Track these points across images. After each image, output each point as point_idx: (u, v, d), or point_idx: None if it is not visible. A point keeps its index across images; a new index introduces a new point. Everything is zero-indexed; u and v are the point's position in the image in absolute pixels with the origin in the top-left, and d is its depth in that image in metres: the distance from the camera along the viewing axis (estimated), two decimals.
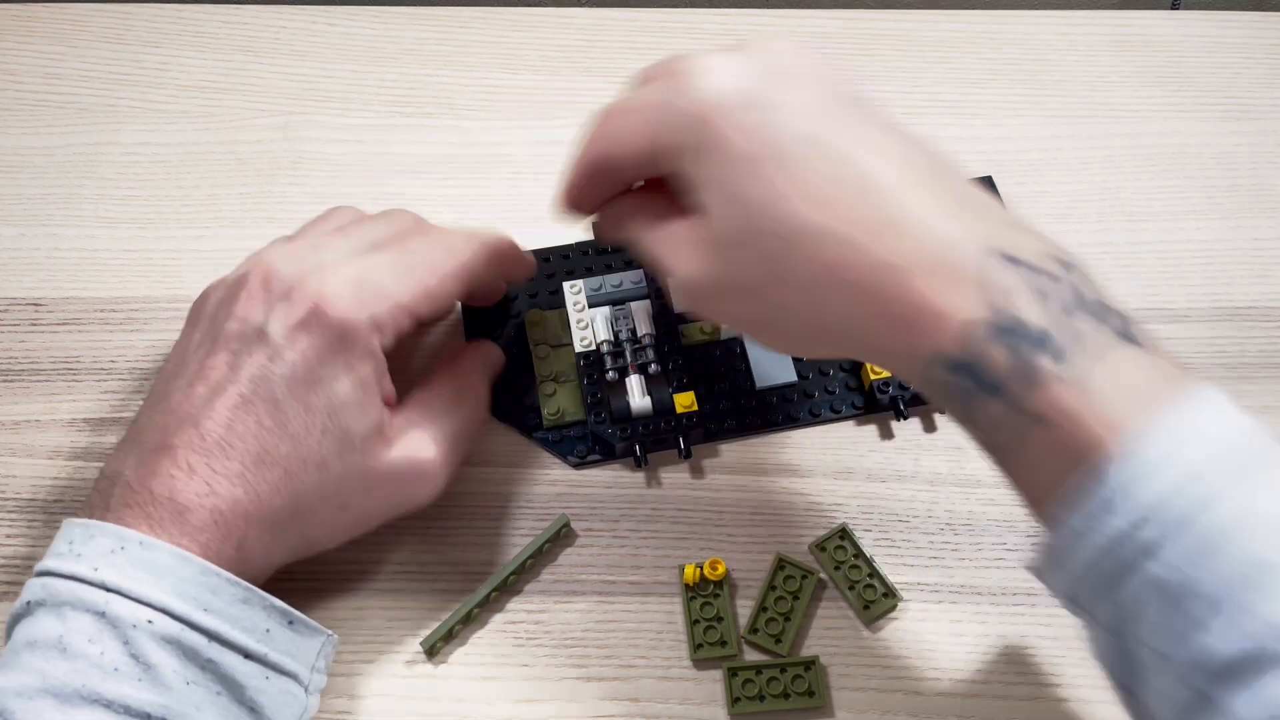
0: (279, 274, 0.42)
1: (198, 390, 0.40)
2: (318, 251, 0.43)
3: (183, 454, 0.39)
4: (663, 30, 0.65)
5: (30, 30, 0.64)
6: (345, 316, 0.41)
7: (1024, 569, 0.47)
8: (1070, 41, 0.64)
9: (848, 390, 0.52)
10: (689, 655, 0.45)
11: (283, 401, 0.40)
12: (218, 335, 0.42)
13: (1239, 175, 0.59)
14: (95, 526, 0.38)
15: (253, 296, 0.42)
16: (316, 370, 0.41)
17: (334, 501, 0.42)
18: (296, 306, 0.41)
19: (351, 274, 0.42)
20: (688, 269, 0.40)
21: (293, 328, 0.41)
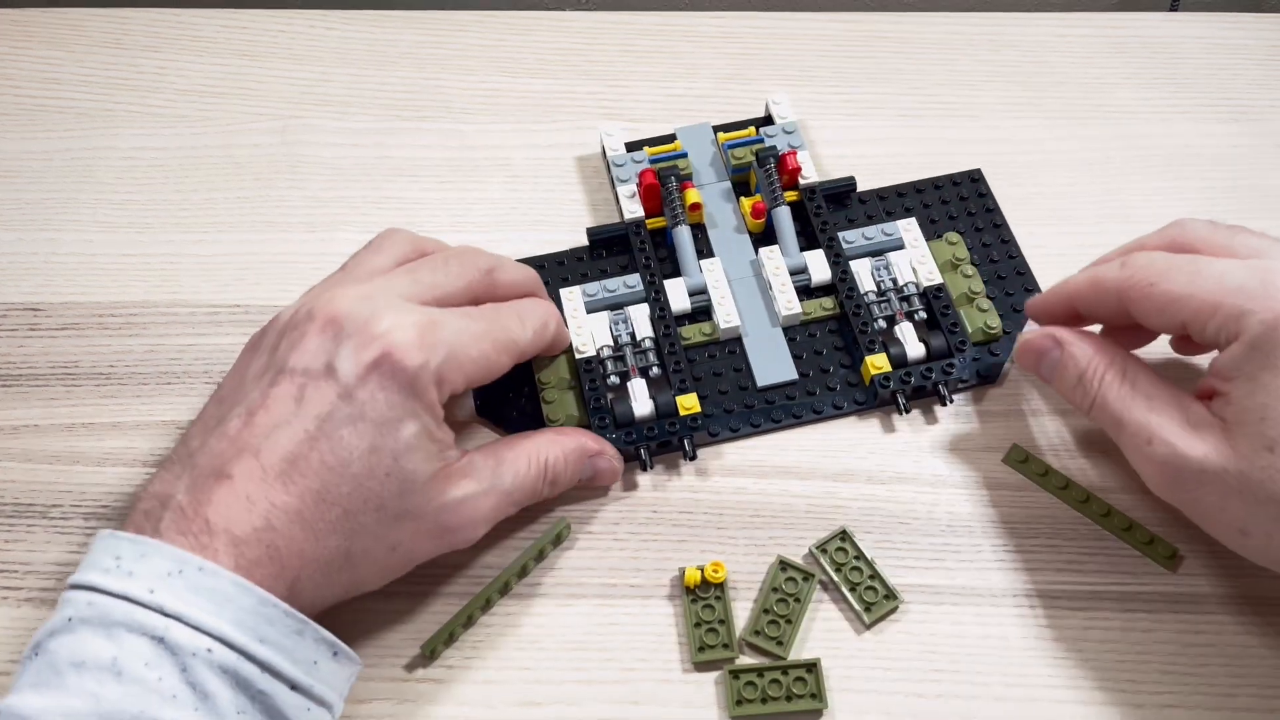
0: (349, 313, 0.41)
1: (259, 420, 0.40)
2: (386, 293, 0.43)
3: (241, 484, 0.39)
4: (660, 33, 0.65)
5: (28, 35, 0.64)
6: (416, 364, 0.41)
7: (1024, 570, 0.47)
8: (1068, 43, 0.64)
9: (849, 386, 0.52)
10: (690, 658, 0.45)
11: (347, 441, 0.40)
12: (282, 367, 0.41)
13: (1238, 176, 0.59)
14: (148, 544, 0.37)
15: (323, 333, 0.41)
16: (385, 413, 0.40)
17: (386, 543, 0.41)
18: (368, 348, 0.40)
19: (422, 323, 0.42)
20: (1189, 450, 0.40)
21: (364, 369, 0.40)
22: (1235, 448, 0.39)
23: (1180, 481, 0.41)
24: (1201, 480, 0.40)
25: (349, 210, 0.58)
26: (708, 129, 0.60)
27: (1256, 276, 0.40)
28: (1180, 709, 0.44)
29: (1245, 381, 0.40)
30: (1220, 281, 0.41)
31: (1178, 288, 0.41)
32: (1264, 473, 0.39)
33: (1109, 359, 0.44)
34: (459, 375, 0.43)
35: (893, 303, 0.53)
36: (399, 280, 0.44)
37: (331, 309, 0.42)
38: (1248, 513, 0.40)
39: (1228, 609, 0.46)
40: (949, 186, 0.58)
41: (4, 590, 0.47)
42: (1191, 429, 0.41)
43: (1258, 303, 0.39)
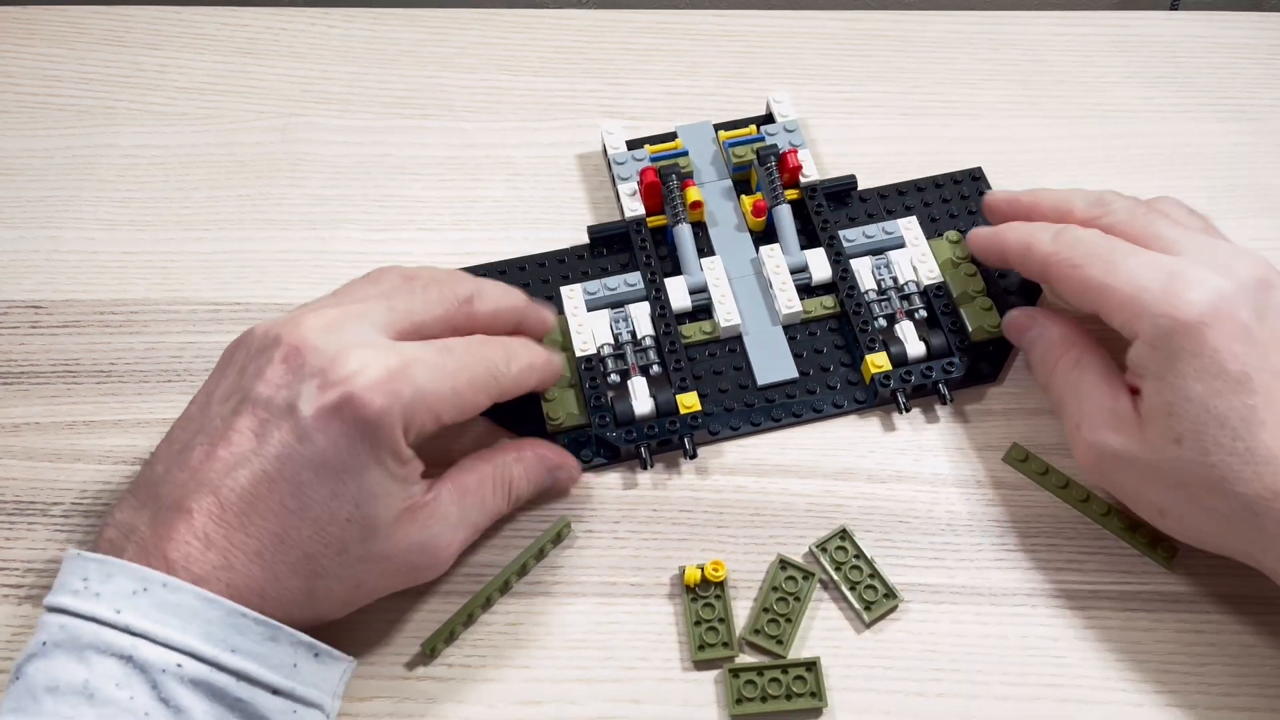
0: (314, 347, 0.40)
1: (220, 454, 0.39)
2: (357, 325, 0.41)
3: (200, 521, 0.38)
4: (661, 31, 0.65)
5: (30, 33, 0.64)
6: (378, 409, 0.39)
7: (1024, 569, 0.47)
8: (1069, 42, 0.64)
9: (849, 385, 0.52)
10: (690, 657, 0.45)
11: (307, 485, 0.39)
12: (245, 395, 0.40)
13: (1238, 175, 0.59)
14: (113, 564, 0.37)
15: (286, 363, 0.40)
16: (345, 459, 0.39)
17: (349, 583, 0.41)
18: (329, 391, 0.39)
19: (389, 363, 0.40)
20: (1109, 439, 0.43)
21: (323, 411, 0.39)
22: (1147, 439, 0.42)
23: (1102, 465, 0.44)
24: (1119, 466, 0.44)
25: (350, 208, 0.58)
26: (709, 127, 0.60)
27: (1161, 276, 0.42)
28: (1180, 708, 0.44)
29: (1152, 379, 0.42)
30: (1130, 278, 0.43)
31: (1095, 276, 0.44)
32: (1171, 463, 0.42)
33: (1069, 345, 0.47)
34: (428, 416, 0.41)
35: (893, 301, 0.53)
36: (373, 307, 0.43)
37: (296, 337, 0.40)
38: (1162, 496, 0.43)
39: (1228, 608, 0.46)
40: (950, 185, 0.58)
41: (6, 588, 0.47)
42: (1115, 420, 0.44)
43: (1159, 305, 0.42)
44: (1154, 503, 0.44)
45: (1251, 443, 0.40)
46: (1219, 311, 0.41)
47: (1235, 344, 0.41)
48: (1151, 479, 0.43)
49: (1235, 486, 0.40)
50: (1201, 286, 0.41)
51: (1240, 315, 0.41)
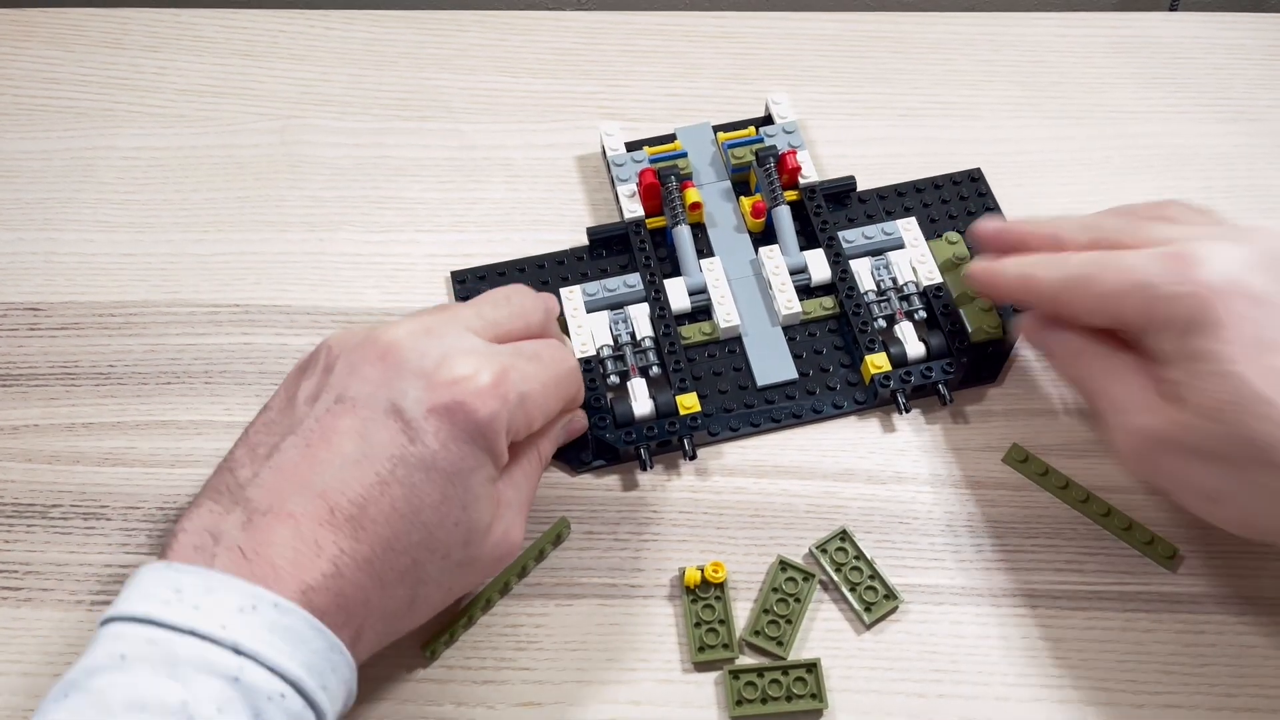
0: (414, 348, 0.39)
1: (320, 455, 0.37)
2: (451, 326, 0.41)
3: (308, 526, 0.36)
4: (660, 33, 0.65)
5: (28, 35, 0.64)
6: (489, 414, 0.39)
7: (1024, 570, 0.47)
8: (1068, 43, 0.64)
9: (849, 386, 0.52)
10: (691, 658, 0.45)
11: (419, 488, 0.38)
12: (340, 394, 0.39)
13: (1237, 176, 0.59)
14: (214, 577, 0.34)
15: (384, 362, 0.39)
16: (456, 462, 0.38)
17: (445, 588, 0.41)
18: (438, 392, 0.38)
19: (494, 369, 0.39)
20: (1149, 422, 0.42)
21: (435, 413, 0.38)
22: (1187, 421, 0.41)
23: (1146, 452, 0.43)
24: (1163, 451, 0.42)
25: (349, 210, 0.58)
26: (708, 128, 0.60)
27: (1160, 262, 0.41)
28: (1181, 709, 0.44)
29: (1180, 362, 0.41)
30: (1132, 276, 0.42)
31: (1105, 288, 0.43)
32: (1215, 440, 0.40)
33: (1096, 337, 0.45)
34: (524, 421, 0.41)
35: (892, 302, 0.53)
36: (464, 314, 0.42)
37: (390, 338, 0.39)
38: (1209, 478, 0.41)
39: (1228, 609, 0.46)
40: (949, 186, 0.58)
41: (4, 590, 0.47)
42: (1155, 404, 0.42)
43: (1167, 287, 0.41)
44: (1202, 487, 0.42)
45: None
46: (1229, 281, 0.40)
47: (1251, 309, 0.39)
48: (1198, 461, 0.41)
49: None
50: (1206, 261, 0.40)
51: (1253, 281, 0.40)
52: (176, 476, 0.50)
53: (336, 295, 0.55)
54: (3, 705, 0.44)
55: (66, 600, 0.47)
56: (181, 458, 0.50)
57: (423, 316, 0.42)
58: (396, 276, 0.56)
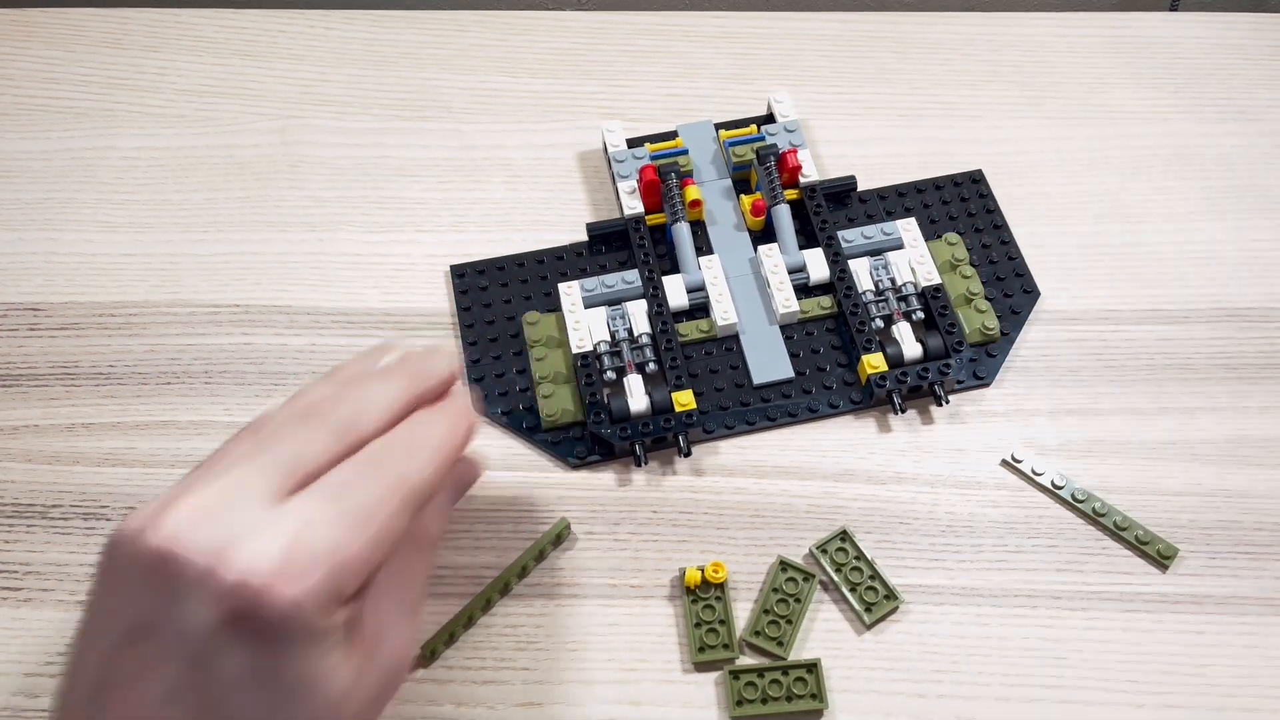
0: (188, 548, 0.31)
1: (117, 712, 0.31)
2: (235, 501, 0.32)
3: None
4: (660, 33, 0.65)
5: (29, 35, 0.64)
6: (290, 602, 0.31)
7: (1024, 571, 0.47)
8: (1068, 43, 0.64)
9: (845, 385, 0.52)
10: (691, 658, 0.45)
11: (242, 710, 0.32)
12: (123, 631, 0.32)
13: (1237, 176, 0.59)
14: None
15: (159, 575, 0.31)
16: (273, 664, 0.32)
17: None
18: (224, 598, 0.31)
19: (286, 543, 0.32)
20: None
21: (222, 627, 0.31)
22: None
23: None
24: None
25: (349, 210, 0.58)
26: (709, 126, 0.60)
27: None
28: (1181, 709, 0.44)
29: None
30: None
31: None
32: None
33: None
34: (351, 577, 0.33)
35: (890, 302, 0.53)
36: (249, 471, 0.33)
37: (163, 538, 0.31)
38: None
39: (1228, 609, 0.46)
40: (949, 186, 0.58)
41: (4, 590, 0.47)
42: None
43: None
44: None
45: None
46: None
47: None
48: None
49: None
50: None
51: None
52: (176, 477, 0.50)
53: (336, 295, 0.55)
54: (3, 705, 0.44)
55: (67, 600, 0.47)
56: (181, 458, 0.50)
57: (205, 486, 0.33)
58: (397, 276, 0.56)
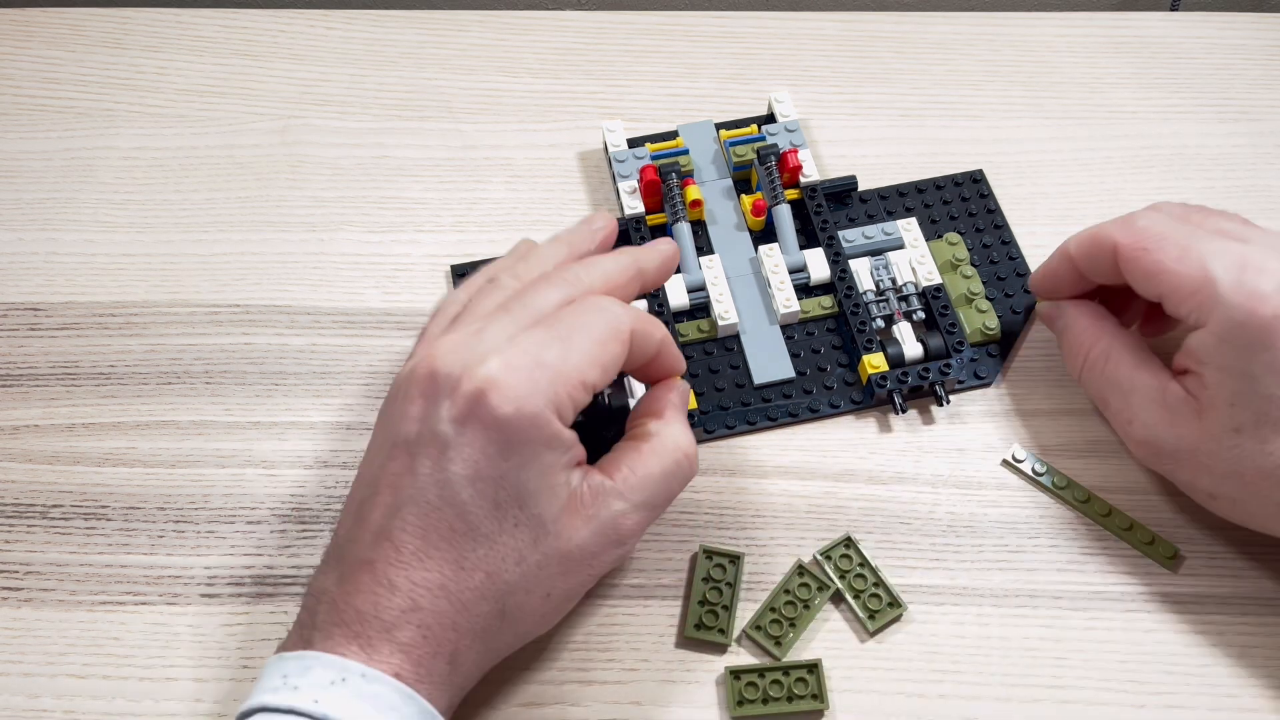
0: (442, 369, 0.39)
1: (385, 500, 0.39)
2: (481, 336, 0.40)
3: (382, 569, 0.38)
4: (661, 33, 0.65)
5: (28, 35, 0.64)
6: (516, 406, 0.38)
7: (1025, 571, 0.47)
8: (1068, 43, 0.64)
9: (846, 385, 0.52)
10: (684, 632, 0.45)
11: (469, 503, 0.38)
12: (395, 439, 0.40)
13: (1238, 176, 0.59)
14: (311, 658, 0.37)
15: (422, 395, 0.39)
16: (498, 464, 0.38)
17: (537, 593, 0.40)
18: (461, 401, 0.38)
19: (515, 359, 0.39)
20: (1165, 434, 0.44)
21: (462, 425, 0.38)
22: (1206, 429, 0.42)
23: (1158, 457, 0.45)
24: (1176, 457, 0.44)
25: (350, 210, 0.58)
26: (710, 126, 0.60)
27: (1234, 266, 0.42)
28: (1183, 709, 0.44)
29: (1215, 370, 0.42)
30: (1202, 266, 0.42)
31: (1166, 260, 0.43)
32: (1231, 451, 0.42)
33: (1096, 336, 0.47)
34: (575, 388, 0.40)
35: (891, 302, 0.53)
36: (495, 318, 0.41)
37: (427, 365, 0.40)
38: (1214, 484, 0.44)
39: (1229, 609, 0.46)
40: (950, 186, 0.58)
41: (5, 591, 0.47)
42: (1168, 412, 0.44)
43: (1233, 297, 0.41)
44: (1206, 489, 0.44)
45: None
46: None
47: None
48: (1207, 468, 0.43)
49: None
50: (1275, 278, 0.41)
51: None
52: (177, 477, 0.50)
53: (337, 295, 0.55)
54: (3, 705, 0.44)
55: (67, 600, 0.47)
56: (182, 458, 0.50)
57: (458, 329, 0.41)
58: (397, 277, 0.56)
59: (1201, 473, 0.43)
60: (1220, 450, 0.42)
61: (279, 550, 0.48)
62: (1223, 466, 0.42)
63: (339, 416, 0.52)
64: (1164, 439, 0.44)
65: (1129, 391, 0.45)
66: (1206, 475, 0.43)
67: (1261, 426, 0.41)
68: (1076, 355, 0.48)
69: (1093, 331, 0.47)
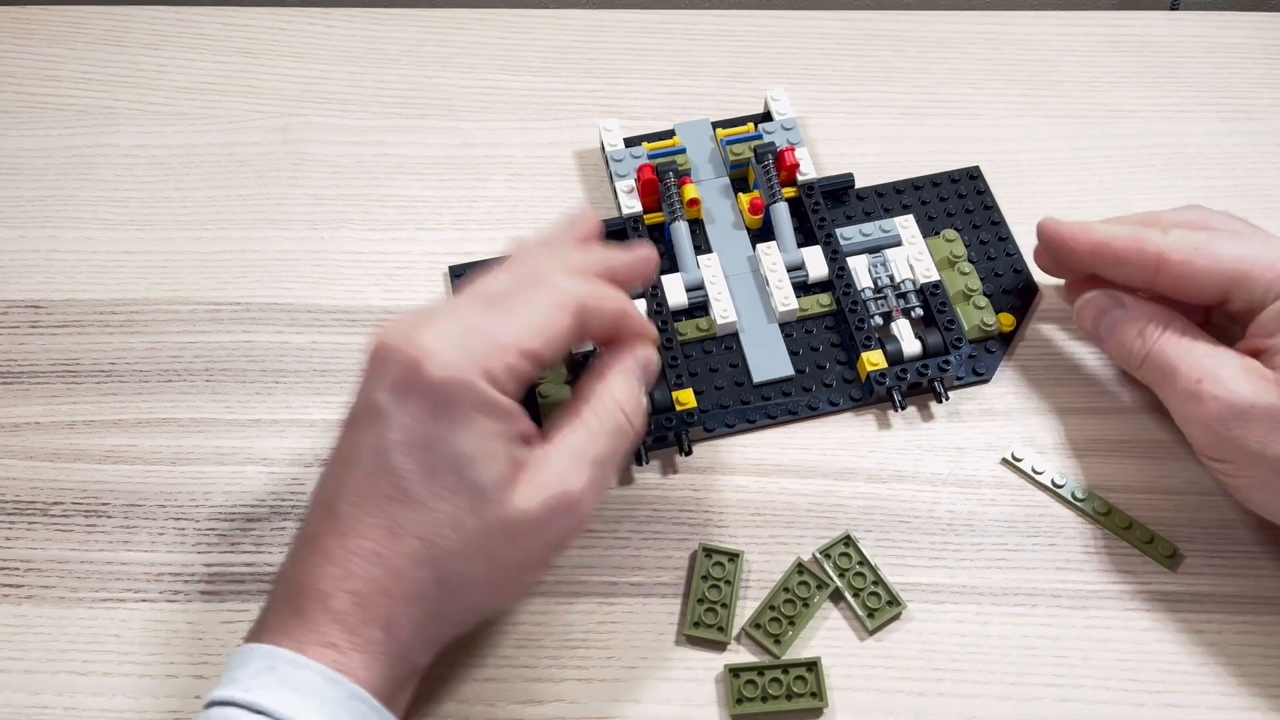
0: (384, 344, 0.40)
1: (330, 474, 0.40)
2: (425, 314, 0.41)
3: (322, 540, 0.39)
4: (661, 31, 0.65)
5: (29, 32, 0.64)
6: (448, 371, 0.38)
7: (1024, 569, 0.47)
8: (1069, 42, 0.64)
9: (844, 383, 0.52)
10: (684, 629, 0.45)
11: (402, 468, 0.39)
12: (346, 417, 0.41)
13: (1238, 175, 0.59)
14: (250, 650, 0.38)
15: (371, 370, 0.40)
16: (430, 429, 0.39)
17: (480, 561, 0.39)
18: (398, 370, 0.39)
19: (451, 328, 0.40)
20: (1241, 390, 0.44)
21: (399, 393, 0.39)
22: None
23: (1230, 418, 0.44)
24: (1249, 417, 0.43)
25: (350, 208, 0.58)
26: (706, 125, 0.60)
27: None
28: (1181, 708, 0.44)
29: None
30: (1262, 248, 0.46)
31: (1226, 250, 0.46)
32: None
33: (1169, 317, 0.47)
34: (516, 356, 0.40)
35: (889, 299, 0.53)
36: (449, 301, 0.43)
37: (374, 344, 0.41)
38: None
39: (1228, 608, 0.46)
40: (947, 184, 0.58)
41: (5, 588, 0.47)
42: (1244, 371, 0.44)
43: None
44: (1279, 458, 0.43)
45: None
46: None
47: None
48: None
49: None
50: None
51: None
52: (177, 474, 0.50)
53: (337, 293, 0.55)
54: (4, 702, 0.44)
55: (68, 598, 0.47)
56: (182, 455, 0.50)
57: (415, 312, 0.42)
58: (397, 274, 0.56)
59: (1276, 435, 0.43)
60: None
61: (280, 548, 0.48)
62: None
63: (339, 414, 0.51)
64: (1242, 394, 0.43)
65: (1205, 356, 0.45)
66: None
67: None
68: (1152, 331, 0.47)
69: (1166, 310, 0.48)
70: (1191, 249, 0.46)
